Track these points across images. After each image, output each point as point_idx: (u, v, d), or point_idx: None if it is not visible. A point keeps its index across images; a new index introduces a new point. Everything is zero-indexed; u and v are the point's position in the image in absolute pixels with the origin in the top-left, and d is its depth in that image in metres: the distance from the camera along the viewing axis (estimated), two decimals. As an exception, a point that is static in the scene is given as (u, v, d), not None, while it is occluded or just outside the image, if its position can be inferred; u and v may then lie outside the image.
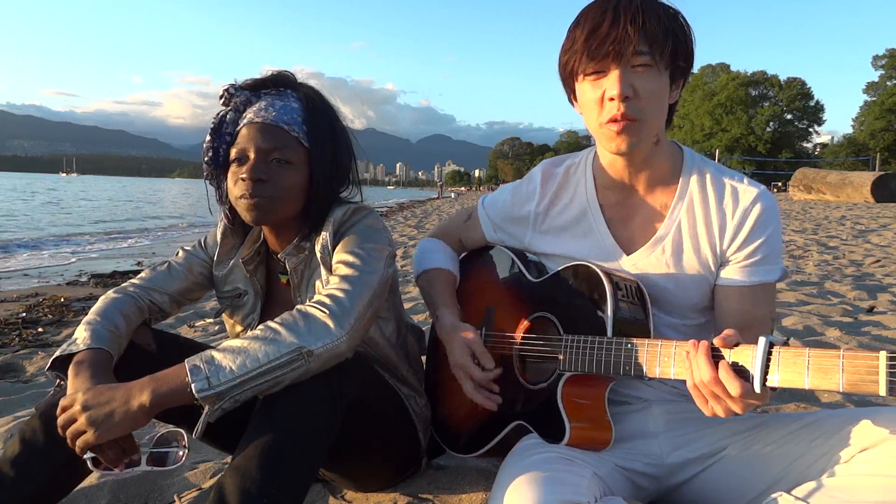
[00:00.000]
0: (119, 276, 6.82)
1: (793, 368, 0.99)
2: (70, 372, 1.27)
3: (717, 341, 1.07)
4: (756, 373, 1.01)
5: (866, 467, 1.07)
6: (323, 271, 1.43)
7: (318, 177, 1.43)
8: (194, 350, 1.34)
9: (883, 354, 0.91)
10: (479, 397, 1.40)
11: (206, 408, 1.14)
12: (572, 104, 1.35)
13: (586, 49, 1.22)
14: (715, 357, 1.07)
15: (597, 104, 1.24)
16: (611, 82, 1.21)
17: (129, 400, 1.16)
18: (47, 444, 1.27)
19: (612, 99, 1.21)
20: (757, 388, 1.01)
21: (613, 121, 1.22)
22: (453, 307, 1.53)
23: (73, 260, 9.13)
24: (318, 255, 1.43)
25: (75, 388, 1.23)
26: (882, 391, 0.90)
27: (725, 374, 1.03)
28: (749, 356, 1.03)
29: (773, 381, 1.01)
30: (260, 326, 1.22)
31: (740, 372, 1.04)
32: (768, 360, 1.01)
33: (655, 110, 1.24)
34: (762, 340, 1.02)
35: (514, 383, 1.40)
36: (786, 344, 1.02)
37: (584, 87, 1.26)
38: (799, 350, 0.99)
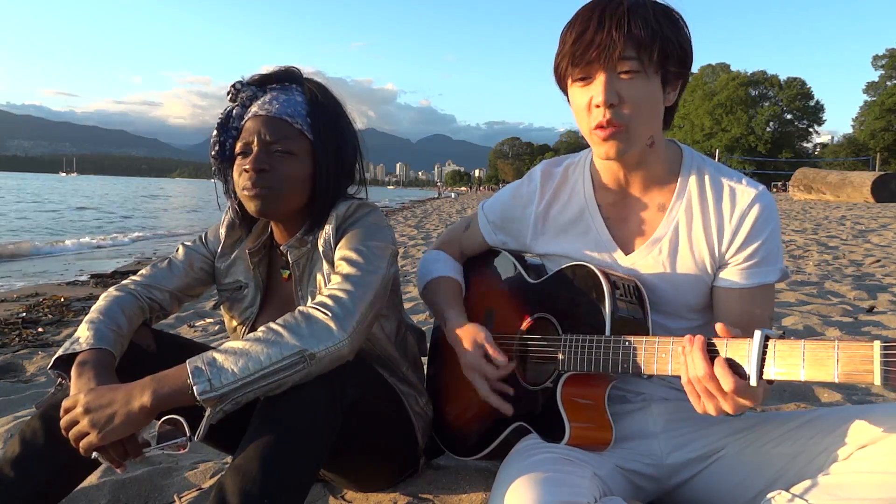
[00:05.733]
0: (119, 275, 6.82)
1: (789, 361, 0.99)
2: (73, 372, 1.26)
3: (718, 328, 1.07)
4: (752, 366, 1.01)
5: (865, 464, 1.07)
6: (325, 265, 1.43)
7: (323, 169, 1.43)
8: (194, 350, 1.34)
9: (877, 344, 0.91)
10: (495, 399, 1.37)
11: (209, 410, 1.14)
12: (569, 104, 1.35)
13: (572, 54, 1.22)
14: (711, 352, 1.07)
15: (585, 110, 1.24)
16: (597, 89, 1.21)
17: (130, 401, 1.15)
18: (47, 444, 1.27)
19: (598, 105, 1.21)
20: (753, 382, 1.01)
21: (600, 127, 1.22)
22: (460, 310, 1.52)
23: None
24: (321, 249, 1.43)
25: (78, 389, 1.22)
26: (877, 380, 0.90)
27: (720, 370, 1.04)
28: (745, 350, 1.03)
29: (769, 374, 1.01)
30: (262, 328, 1.22)
31: (736, 367, 1.04)
32: (764, 353, 1.01)
33: (643, 116, 1.23)
34: (758, 334, 1.02)
35: (514, 385, 1.40)
36: (782, 337, 1.02)
37: (574, 91, 1.27)
38: (794, 342, 0.99)
